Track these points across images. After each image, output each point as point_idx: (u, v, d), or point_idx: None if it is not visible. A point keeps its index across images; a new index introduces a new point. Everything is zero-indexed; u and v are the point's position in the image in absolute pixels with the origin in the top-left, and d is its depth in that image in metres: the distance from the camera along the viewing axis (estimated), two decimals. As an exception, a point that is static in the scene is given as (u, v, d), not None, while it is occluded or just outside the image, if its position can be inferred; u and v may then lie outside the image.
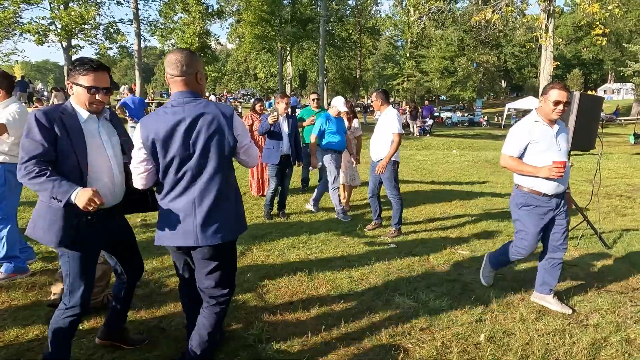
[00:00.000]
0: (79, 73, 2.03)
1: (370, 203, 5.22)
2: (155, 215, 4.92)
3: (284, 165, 5.37)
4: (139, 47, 15.42)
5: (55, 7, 14.93)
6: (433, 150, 14.95)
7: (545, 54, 12.60)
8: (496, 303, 3.22)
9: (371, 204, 5.17)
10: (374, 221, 5.14)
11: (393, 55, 44.58)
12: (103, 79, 2.08)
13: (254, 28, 28.27)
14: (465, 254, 4.30)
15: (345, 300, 3.20)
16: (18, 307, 2.91)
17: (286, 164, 5.39)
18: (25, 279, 3.38)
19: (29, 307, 2.93)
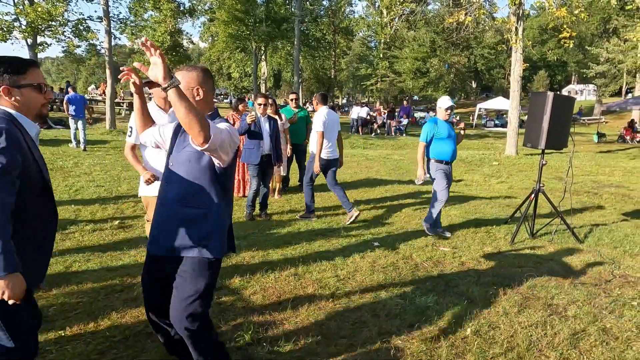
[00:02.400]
0: (22, 71, 1.68)
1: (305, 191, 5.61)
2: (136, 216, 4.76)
3: (264, 165, 5.31)
4: (110, 45, 14.95)
5: (19, 2, 14.32)
6: (409, 150, 15.17)
7: (515, 55, 13.00)
8: (479, 298, 3.31)
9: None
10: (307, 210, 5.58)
11: (367, 55, 45.00)
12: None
13: (227, 27, 27.91)
14: (447, 250, 4.40)
15: (333, 299, 3.21)
16: None
17: (267, 164, 5.33)
18: None
19: (6, 315, 2.81)
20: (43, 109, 1.77)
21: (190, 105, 1.65)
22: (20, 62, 1.70)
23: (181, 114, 1.64)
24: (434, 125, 4.74)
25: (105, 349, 2.49)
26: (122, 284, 3.31)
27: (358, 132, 21.00)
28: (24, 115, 1.70)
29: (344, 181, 8.17)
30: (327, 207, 6.11)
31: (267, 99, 5.44)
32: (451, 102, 4.81)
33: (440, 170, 4.74)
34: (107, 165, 8.51)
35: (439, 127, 4.73)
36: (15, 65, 1.67)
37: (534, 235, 4.96)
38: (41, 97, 1.74)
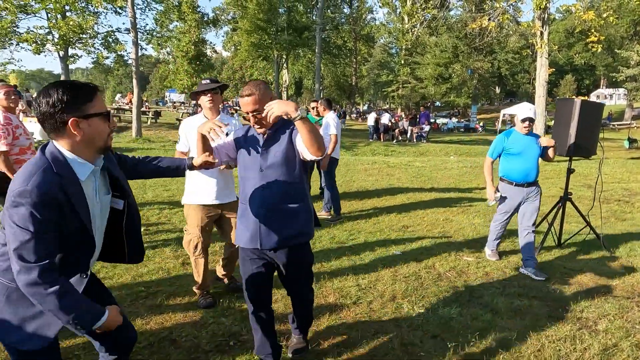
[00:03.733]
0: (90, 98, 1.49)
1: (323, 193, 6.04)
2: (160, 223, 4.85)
3: None
4: (137, 55, 15.41)
5: (53, 16, 14.94)
6: (431, 157, 15.02)
7: (540, 60, 12.74)
8: (505, 309, 3.23)
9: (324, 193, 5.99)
10: (324, 209, 5.94)
11: (388, 62, 44.90)
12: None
13: (250, 36, 28.39)
14: (471, 260, 4.32)
15: (354, 309, 3.19)
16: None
17: None
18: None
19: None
20: (109, 140, 1.58)
21: (314, 128, 1.95)
22: (87, 87, 1.51)
23: (306, 136, 1.94)
24: (504, 138, 4.13)
25: (131, 354, 2.54)
26: (147, 291, 3.38)
27: (379, 139, 20.92)
28: (79, 156, 1.51)
29: (365, 189, 8.14)
30: (348, 215, 6.09)
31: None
32: (530, 113, 3.94)
33: (507, 192, 4.14)
34: (133, 172, 8.74)
35: (510, 141, 4.06)
36: (83, 91, 1.48)
37: (561, 244, 4.82)
38: (107, 127, 1.55)
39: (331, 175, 5.87)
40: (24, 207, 1.34)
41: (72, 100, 1.44)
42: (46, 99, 1.42)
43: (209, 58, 31.56)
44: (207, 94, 3.00)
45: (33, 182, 1.36)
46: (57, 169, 1.44)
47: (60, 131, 1.46)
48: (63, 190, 1.43)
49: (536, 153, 4.05)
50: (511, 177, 4.11)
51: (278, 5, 27.77)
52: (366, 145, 18.06)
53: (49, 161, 1.44)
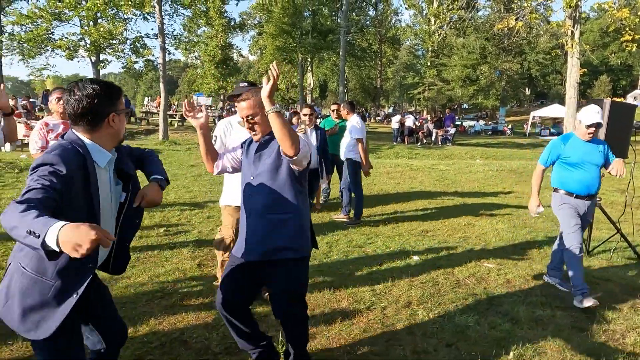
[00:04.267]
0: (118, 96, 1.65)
1: (342, 195, 5.97)
2: (180, 224, 4.92)
3: (310, 179, 5.15)
4: (164, 60, 15.79)
5: (85, 23, 15.52)
6: (455, 160, 14.72)
7: (571, 60, 12.30)
8: (525, 319, 3.10)
9: (342, 197, 5.95)
10: (342, 212, 5.88)
11: (414, 64, 44.40)
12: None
13: (275, 40, 28.63)
14: (492, 266, 4.18)
15: (368, 314, 3.13)
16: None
17: (313, 178, 5.21)
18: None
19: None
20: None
21: (285, 123, 1.91)
22: (115, 85, 1.66)
23: (277, 131, 1.91)
24: (560, 144, 3.52)
25: (142, 354, 2.57)
26: (162, 291, 3.42)
27: (403, 142, 20.69)
28: (101, 146, 1.62)
29: (386, 192, 8.04)
30: (367, 218, 6.01)
31: (314, 109, 5.46)
32: (598, 117, 3.34)
33: (565, 205, 3.50)
34: (157, 174, 8.93)
35: (568, 147, 3.47)
36: (115, 89, 1.64)
37: (590, 252, 4.61)
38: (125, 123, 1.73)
39: (357, 179, 5.78)
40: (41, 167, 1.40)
41: (110, 97, 1.59)
42: (87, 95, 1.53)
43: (236, 62, 32.05)
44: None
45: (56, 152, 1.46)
46: (82, 151, 1.55)
47: (97, 125, 1.58)
48: (84, 168, 1.52)
49: (599, 162, 3.47)
50: (570, 188, 3.50)
51: (303, 9, 27.92)
52: (389, 148, 17.87)
53: (72, 144, 1.54)
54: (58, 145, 1.52)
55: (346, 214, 5.89)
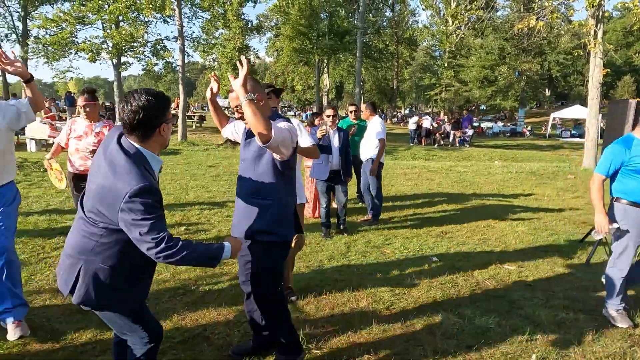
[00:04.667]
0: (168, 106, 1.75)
1: (364, 197, 5.93)
2: (199, 223, 4.99)
3: (333, 180, 5.08)
4: (183, 62, 16.04)
5: (107, 26, 15.87)
6: (474, 162, 14.55)
7: (594, 61, 12.04)
8: (547, 322, 3.06)
9: (365, 199, 5.88)
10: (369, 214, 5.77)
11: (431, 65, 44.04)
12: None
13: (292, 42, 28.75)
14: (512, 269, 4.13)
15: (387, 314, 3.14)
16: (72, 311, 3.04)
17: (335, 180, 5.10)
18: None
19: (82, 311, 3.05)
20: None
21: (256, 111, 1.98)
22: (166, 97, 1.75)
23: (248, 118, 2.00)
24: (623, 149, 3.03)
25: (165, 349, 2.62)
26: (184, 288, 3.48)
27: (420, 143, 20.55)
28: (153, 152, 1.75)
29: (403, 193, 8.01)
30: (385, 219, 6.00)
31: (336, 110, 5.31)
32: None
33: (631, 220, 3.02)
34: (177, 174, 9.06)
35: (634, 152, 2.99)
36: (166, 99, 1.73)
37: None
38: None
39: (378, 180, 5.79)
40: (144, 199, 1.58)
41: (163, 107, 1.70)
42: (142, 107, 1.63)
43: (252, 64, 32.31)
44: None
45: (140, 180, 1.59)
46: (145, 165, 1.70)
47: (149, 134, 1.69)
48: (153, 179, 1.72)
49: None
50: (637, 197, 3.01)
51: (320, 11, 27.98)
52: (406, 149, 17.77)
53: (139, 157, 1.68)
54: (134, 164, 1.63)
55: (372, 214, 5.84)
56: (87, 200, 1.71)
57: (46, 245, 4.35)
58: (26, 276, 3.54)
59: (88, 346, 2.63)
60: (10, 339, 2.62)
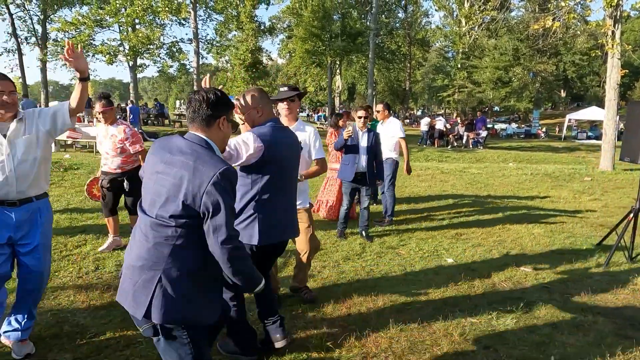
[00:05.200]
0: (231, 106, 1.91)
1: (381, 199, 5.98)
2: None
3: (359, 182, 4.93)
4: (198, 64, 16.26)
5: (124, 29, 16.15)
6: (488, 163, 14.44)
7: (611, 61, 11.86)
8: (565, 324, 3.05)
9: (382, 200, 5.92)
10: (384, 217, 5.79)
11: (443, 66, 43.78)
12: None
13: (304, 43, 28.87)
14: (528, 271, 4.11)
15: (403, 314, 3.15)
16: (96, 307, 3.13)
17: (362, 182, 4.94)
18: (99, 281, 3.62)
19: (106, 307, 3.15)
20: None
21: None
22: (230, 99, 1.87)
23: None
24: None
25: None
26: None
27: (433, 145, 20.45)
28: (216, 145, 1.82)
29: (417, 195, 8.00)
30: (399, 220, 6.00)
31: (369, 111, 5.11)
32: None
33: None
34: (192, 175, 9.18)
35: None
36: (230, 101, 1.85)
37: (633, 259, 4.46)
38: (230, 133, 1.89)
39: (394, 179, 5.85)
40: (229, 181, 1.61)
41: (223, 104, 1.77)
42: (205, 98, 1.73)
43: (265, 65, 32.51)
44: (285, 102, 3.02)
45: (224, 163, 1.63)
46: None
47: (210, 123, 1.74)
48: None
49: None
50: None
51: (332, 12, 28.05)
52: (419, 150, 17.71)
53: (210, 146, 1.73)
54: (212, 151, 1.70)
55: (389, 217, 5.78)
56: (154, 202, 1.65)
57: (68, 243, 4.46)
58: (50, 273, 3.64)
59: (112, 341, 2.70)
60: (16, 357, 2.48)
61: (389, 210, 5.73)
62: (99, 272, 3.79)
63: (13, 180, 2.35)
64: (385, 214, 5.76)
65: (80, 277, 3.66)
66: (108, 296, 3.32)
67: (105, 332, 2.79)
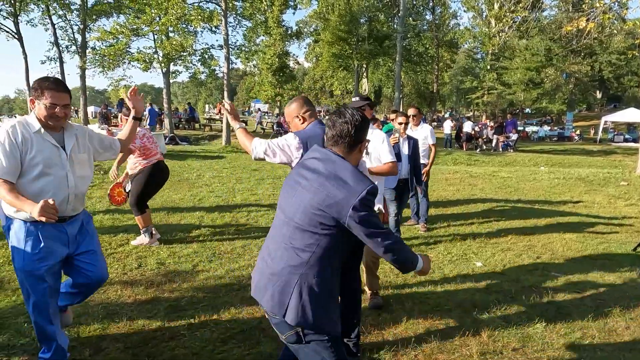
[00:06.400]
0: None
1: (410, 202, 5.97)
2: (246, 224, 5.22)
3: (401, 189, 4.83)
4: (228, 69, 16.68)
5: (159, 37, 16.77)
6: (518, 167, 14.18)
7: (649, 62, 11.45)
8: (596, 329, 3.05)
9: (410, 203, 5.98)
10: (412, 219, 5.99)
11: (472, 68, 43.06)
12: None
13: (331, 47, 29.07)
14: (559, 276, 4.10)
15: (432, 316, 3.23)
16: (142, 301, 3.35)
17: (404, 188, 4.89)
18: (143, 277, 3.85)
19: (150, 301, 3.37)
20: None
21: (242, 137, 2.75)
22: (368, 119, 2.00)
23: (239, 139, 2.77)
24: None
25: (226, 338, 2.86)
26: (239, 284, 3.73)
27: (461, 148, 20.20)
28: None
29: (445, 198, 7.99)
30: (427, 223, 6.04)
31: (409, 118, 5.02)
32: None
33: None
34: (223, 178, 9.47)
35: None
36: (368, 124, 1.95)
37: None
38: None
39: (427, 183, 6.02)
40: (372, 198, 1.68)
41: (366, 128, 1.86)
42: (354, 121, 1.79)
43: (292, 69, 32.91)
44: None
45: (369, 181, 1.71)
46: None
47: (353, 148, 1.81)
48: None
49: None
50: None
51: (359, 16, 28.14)
52: (447, 154, 17.53)
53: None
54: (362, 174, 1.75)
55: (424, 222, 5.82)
56: (300, 209, 1.71)
57: (112, 241, 4.75)
58: (98, 269, 3.91)
59: (157, 332, 2.91)
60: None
61: (424, 215, 5.79)
62: (142, 269, 4.04)
63: (73, 197, 2.36)
64: (422, 217, 5.80)
65: (125, 274, 3.91)
66: (152, 291, 3.54)
67: (152, 324, 3.00)
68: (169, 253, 4.45)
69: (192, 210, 6.39)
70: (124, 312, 3.17)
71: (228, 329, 2.97)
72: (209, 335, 2.88)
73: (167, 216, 5.95)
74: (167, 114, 19.14)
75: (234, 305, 3.31)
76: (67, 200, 2.33)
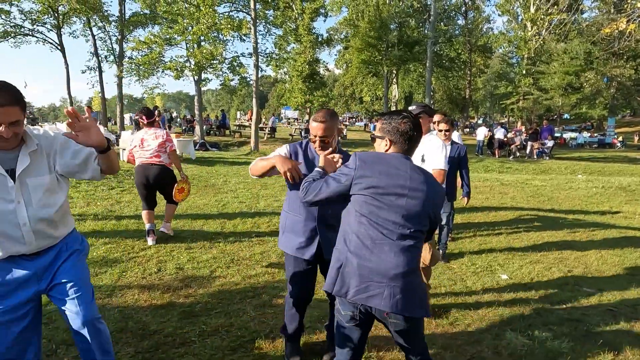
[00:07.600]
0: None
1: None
2: (267, 231, 5.23)
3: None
4: (257, 77, 16.94)
5: (190, 46, 17.25)
6: (553, 175, 13.60)
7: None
8: (631, 352, 2.83)
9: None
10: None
11: (507, 72, 41.86)
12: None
13: (361, 54, 29.00)
14: (591, 292, 3.85)
15: (451, 330, 3.10)
16: (157, 306, 3.38)
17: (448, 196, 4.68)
18: (161, 282, 3.90)
19: (165, 306, 3.40)
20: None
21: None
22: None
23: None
24: None
25: (236, 346, 2.84)
26: (253, 291, 3.71)
27: (493, 155, 19.61)
28: None
29: (473, 206, 7.74)
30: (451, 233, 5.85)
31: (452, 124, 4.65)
32: None
33: None
34: (249, 183, 9.55)
35: None
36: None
37: None
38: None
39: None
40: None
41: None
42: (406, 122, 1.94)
43: (322, 76, 33.06)
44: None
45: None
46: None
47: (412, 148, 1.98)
48: None
49: None
50: None
51: (389, 22, 27.97)
52: (478, 161, 17.07)
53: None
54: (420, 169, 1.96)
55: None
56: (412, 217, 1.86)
57: (135, 245, 4.85)
58: (118, 273, 3.99)
59: (169, 338, 2.91)
60: None
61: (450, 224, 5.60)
62: (161, 273, 4.09)
63: (30, 236, 1.79)
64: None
65: (144, 278, 3.97)
66: (168, 296, 3.57)
67: (164, 330, 3.02)
68: (189, 258, 4.49)
69: (215, 216, 6.46)
70: (138, 316, 3.20)
71: (239, 337, 2.95)
72: (219, 343, 2.86)
73: (190, 222, 6.04)
74: (198, 120, 19.63)
75: (246, 312, 3.29)
76: (21, 238, 1.78)
